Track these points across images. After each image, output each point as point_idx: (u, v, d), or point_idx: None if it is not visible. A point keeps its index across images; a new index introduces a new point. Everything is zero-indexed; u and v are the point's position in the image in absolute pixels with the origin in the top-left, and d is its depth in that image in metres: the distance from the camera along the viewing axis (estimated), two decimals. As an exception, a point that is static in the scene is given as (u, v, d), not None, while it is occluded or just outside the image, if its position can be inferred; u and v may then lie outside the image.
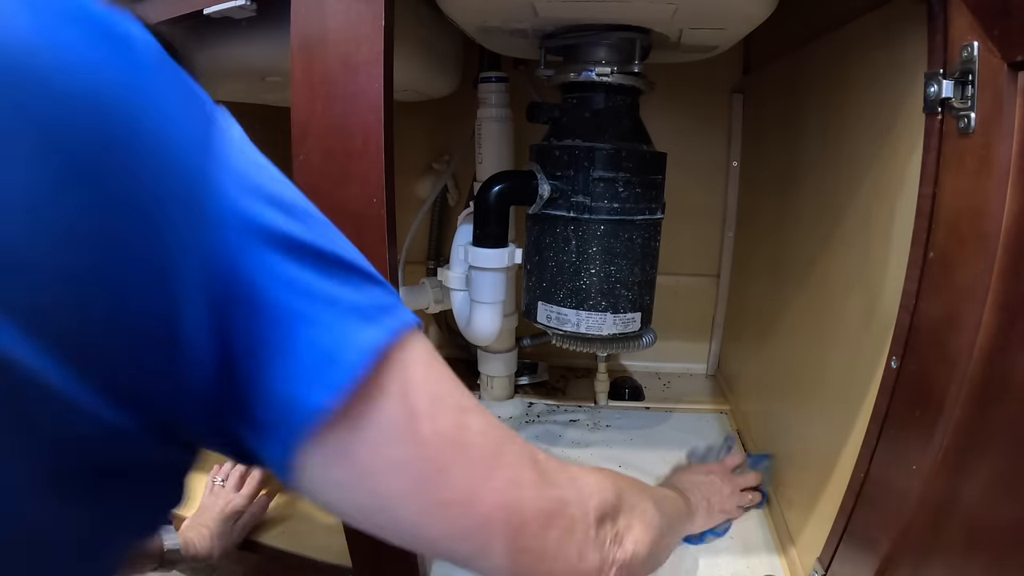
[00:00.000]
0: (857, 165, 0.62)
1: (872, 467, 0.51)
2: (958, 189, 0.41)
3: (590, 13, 0.64)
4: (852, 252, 0.62)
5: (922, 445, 0.43)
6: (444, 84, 0.94)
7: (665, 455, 0.94)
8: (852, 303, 0.61)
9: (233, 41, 0.64)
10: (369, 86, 0.49)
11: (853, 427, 0.56)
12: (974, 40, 0.38)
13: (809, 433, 0.72)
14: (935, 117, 0.43)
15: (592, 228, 0.71)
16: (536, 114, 0.77)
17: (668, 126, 1.09)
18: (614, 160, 0.70)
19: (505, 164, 1.01)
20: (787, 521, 0.74)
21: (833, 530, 0.57)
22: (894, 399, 0.48)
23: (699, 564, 0.71)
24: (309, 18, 0.50)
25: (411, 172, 1.20)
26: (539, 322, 0.78)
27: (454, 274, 0.89)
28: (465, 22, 0.70)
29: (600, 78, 0.70)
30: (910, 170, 0.48)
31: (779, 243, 0.88)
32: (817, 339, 0.71)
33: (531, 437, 1.00)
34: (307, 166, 0.52)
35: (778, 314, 0.86)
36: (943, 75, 0.41)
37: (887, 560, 0.47)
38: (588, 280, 0.73)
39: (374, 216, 0.52)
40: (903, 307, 0.47)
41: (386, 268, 0.53)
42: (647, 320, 0.78)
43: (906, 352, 0.47)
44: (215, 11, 0.54)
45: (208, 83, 0.81)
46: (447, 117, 1.18)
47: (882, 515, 0.49)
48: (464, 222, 0.89)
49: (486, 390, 1.13)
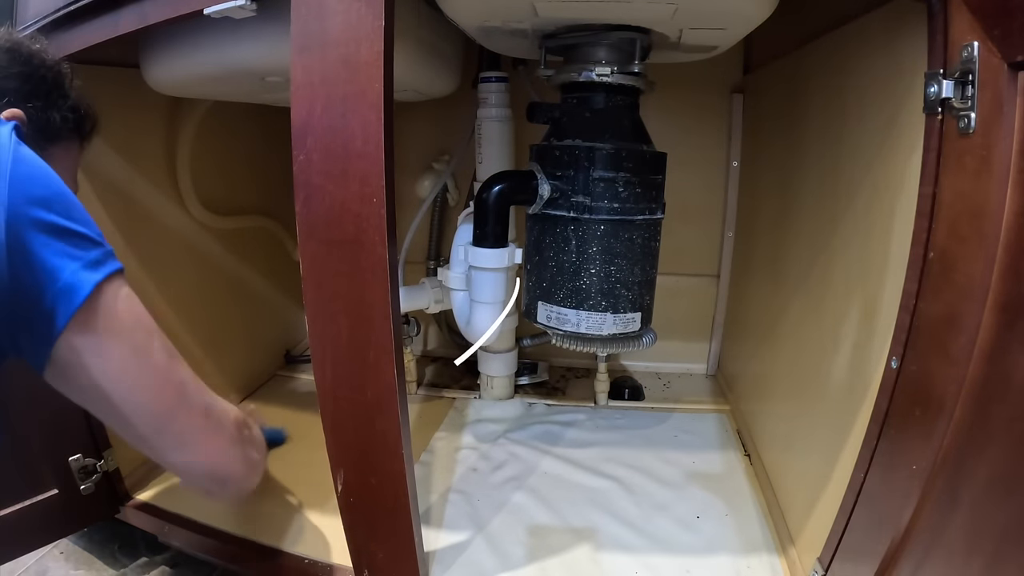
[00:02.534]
0: (857, 165, 0.62)
1: (872, 467, 0.51)
2: (958, 189, 0.41)
3: (590, 13, 0.64)
4: (852, 252, 0.62)
5: (922, 445, 0.43)
6: (444, 84, 0.94)
7: (665, 455, 0.94)
8: (852, 303, 0.61)
9: (233, 41, 0.64)
10: (369, 86, 0.49)
11: (853, 427, 0.56)
12: (974, 40, 0.38)
13: (809, 433, 0.72)
14: (935, 117, 0.43)
15: (592, 228, 0.71)
16: (536, 114, 0.77)
17: (668, 126, 1.09)
18: (614, 160, 0.70)
19: (505, 164, 1.01)
20: (787, 521, 0.74)
21: (833, 530, 0.57)
22: (894, 399, 0.48)
23: (700, 564, 0.71)
24: (309, 18, 0.50)
25: (411, 172, 1.20)
26: (539, 322, 0.78)
27: (454, 274, 0.89)
28: (465, 22, 0.70)
29: (600, 78, 0.70)
30: (910, 170, 0.48)
31: (779, 243, 0.88)
32: (817, 339, 0.71)
33: (531, 437, 1.00)
34: (307, 166, 0.52)
35: (778, 314, 0.86)
36: (943, 75, 0.41)
37: (887, 560, 0.47)
38: (588, 280, 0.73)
39: (374, 216, 0.52)
40: (903, 307, 0.47)
41: (385, 268, 0.53)
42: (647, 320, 0.78)
43: (906, 352, 0.47)
44: (215, 11, 0.54)
45: (208, 83, 0.81)
46: (447, 117, 1.18)
47: (882, 515, 0.49)
48: (464, 222, 0.89)
49: (486, 390, 1.13)
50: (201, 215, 0.99)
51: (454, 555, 0.73)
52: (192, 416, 0.51)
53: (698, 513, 0.80)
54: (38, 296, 0.42)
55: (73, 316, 0.43)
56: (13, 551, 0.76)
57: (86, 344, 0.45)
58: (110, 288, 0.46)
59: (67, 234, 0.44)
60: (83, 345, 0.45)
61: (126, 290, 0.48)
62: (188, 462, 0.52)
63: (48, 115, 0.54)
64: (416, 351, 1.30)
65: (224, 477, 0.54)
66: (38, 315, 0.43)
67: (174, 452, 0.51)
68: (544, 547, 0.74)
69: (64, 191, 0.45)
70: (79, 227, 0.45)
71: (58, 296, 0.43)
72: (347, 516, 0.64)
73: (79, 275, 0.44)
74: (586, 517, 0.80)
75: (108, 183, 0.82)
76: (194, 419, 0.51)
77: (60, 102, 0.55)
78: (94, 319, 0.45)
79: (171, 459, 0.52)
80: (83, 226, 0.45)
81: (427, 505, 0.82)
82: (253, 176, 1.17)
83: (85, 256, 0.44)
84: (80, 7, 0.63)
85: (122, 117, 0.83)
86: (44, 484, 0.76)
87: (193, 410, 0.51)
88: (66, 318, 0.43)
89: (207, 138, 0.99)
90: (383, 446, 0.59)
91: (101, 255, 0.46)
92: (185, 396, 0.51)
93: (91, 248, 0.45)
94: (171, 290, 0.94)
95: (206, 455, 0.52)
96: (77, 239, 0.44)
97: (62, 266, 0.43)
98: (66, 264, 0.43)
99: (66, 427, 0.77)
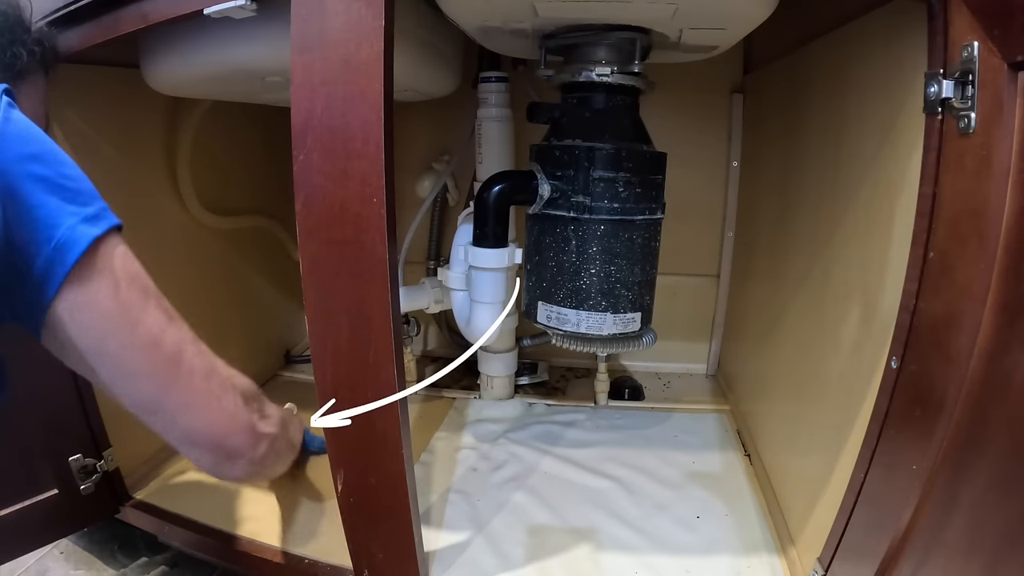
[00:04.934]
0: (857, 165, 0.62)
1: (872, 467, 0.51)
2: (958, 189, 0.41)
3: (590, 13, 0.64)
4: (852, 252, 0.62)
5: (922, 445, 0.43)
6: (444, 84, 0.94)
7: (665, 455, 0.94)
8: (852, 303, 0.61)
9: (233, 41, 0.64)
10: (369, 86, 0.49)
11: (853, 427, 0.56)
12: (974, 40, 0.38)
13: (809, 432, 0.72)
14: (935, 117, 0.43)
15: (592, 228, 0.71)
16: (536, 114, 0.77)
17: (668, 126, 1.09)
18: (614, 160, 0.70)
19: (505, 164, 1.01)
20: (787, 521, 0.74)
21: (833, 530, 0.57)
22: (894, 399, 0.48)
23: (700, 564, 0.71)
24: (309, 18, 0.50)
25: (411, 172, 1.19)
26: (539, 322, 0.78)
27: (454, 274, 0.89)
28: (465, 22, 0.70)
29: (600, 78, 0.70)
30: (910, 170, 0.48)
31: (779, 243, 0.88)
32: (817, 339, 0.71)
33: (531, 437, 1.00)
34: (307, 166, 0.52)
35: (778, 314, 0.86)
36: (943, 75, 0.41)
37: (887, 560, 0.47)
38: (588, 280, 0.73)
39: (374, 216, 0.52)
40: (903, 307, 0.47)
41: (385, 267, 0.53)
42: (647, 320, 0.78)
43: (906, 352, 0.47)
44: (215, 11, 0.54)
45: (208, 83, 0.81)
46: (447, 117, 1.18)
47: (882, 515, 0.49)
48: (464, 222, 0.89)
49: (486, 390, 1.13)
50: (201, 215, 0.99)
51: (454, 555, 0.73)
52: (192, 379, 0.49)
53: (698, 513, 0.80)
54: (35, 253, 0.41)
55: (70, 271, 0.42)
56: (13, 551, 0.76)
57: (81, 300, 0.43)
58: (107, 244, 0.45)
59: (63, 189, 0.43)
60: (78, 301, 0.43)
61: (123, 248, 0.47)
62: (191, 429, 0.49)
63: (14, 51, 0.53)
64: (416, 351, 1.30)
65: (230, 448, 0.51)
66: (35, 272, 0.42)
67: (174, 419, 0.49)
68: (544, 547, 0.74)
69: (57, 150, 0.45)
70: (75, 183, 0.44)
71: (55, 252, 0.42)
72: (347, 516, 0.64)
73: (77, 230, 0.43)
74: (586, 517, 0.80)
75: (108, 183, 0.81)
76: (194, 382, 0.49)
77: (24, 36, 0.54)
78: (90, 274, 0.43)
79: (172, 429, 0.49)
80: (79, 182, 0.45)
81: (427, 505, 0.82)
82: (253, 176, 1.17)
83: (82, 211, 0.44)
84: (80, 7, 0.63)
85: (122, 117, 0.83)
86: (44, 484, 0.76)
87: (194, 373, 0.49)
88: (63, 273, 0.42)
89: (207, 138, 0.99)
90: (383, 446, 0.59)
91: (99, 210, 0.45)
92: (182, 358, 0.48)
93: (88, 203, 0.44)
94: (171, 290, 0.93)
95: (208, 421, 0.49)
96: (73, 193, 0.44)
97: (59, 221, 0.42)
98: (63, 219, 0.42)
99: (66, 427, 0.77)
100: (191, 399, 0.49)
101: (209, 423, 0.50)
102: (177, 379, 0.48)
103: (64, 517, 0.78)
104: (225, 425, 0.50)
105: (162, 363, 0.47)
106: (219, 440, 0.50)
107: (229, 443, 0.51)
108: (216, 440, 0.50)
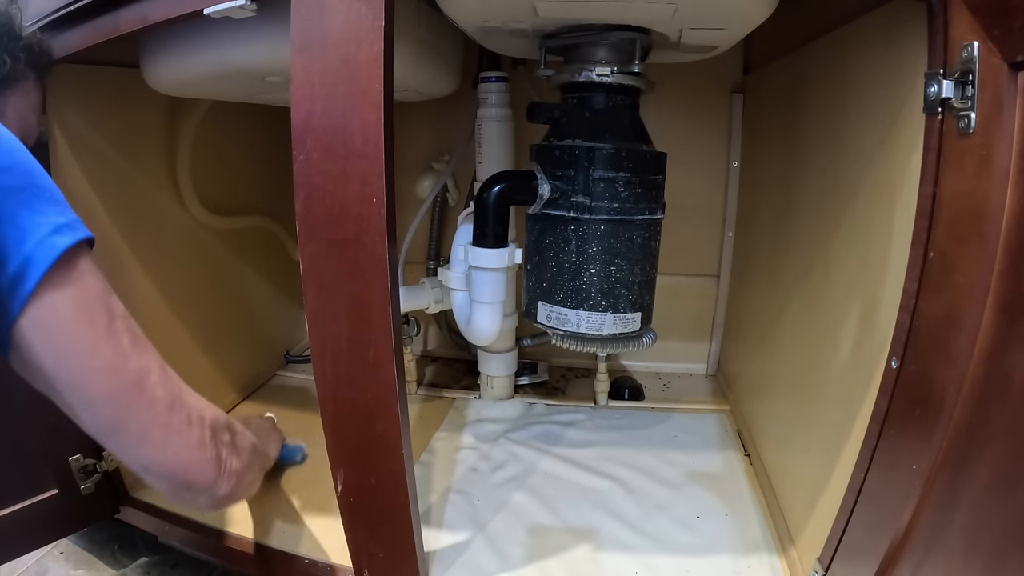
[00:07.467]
0: (857, 165, 0.62)
1: (872, 467, 0.51)
2: (958, 189, 0.41)
3: (590, 13, 0.64)
4: (852, 252, 0.62)
5: (922, 445, 0.43)
6: (444, 84, 0.94)
7: (665, 455, 0.94)
8: (852, 303, 0.61)
9: (233, 41, 0.64)
10: (369, 86, 0.49)
11: (853, 427, 0.56)
12: (974, 40, 0.38)
13: (809, 432, 0.72)
14: (935, 117, 0.43)
15: (592, 228, 0.71)
16: (536, 114, 0.77)
17: (668, 126, 1.09)
18: (614, 160, 0.70)
19: (505, 164, 1.01)
20: (787, 521, 0.74)
21: (833, 530, 0.57)
22: (894, 399, 0.48)
23: (700, 564, 0.71)
24: (309, 18, 0.50)
25: (411, 172, 1.19)
26: (539, 322, 0.78)
27: (454, 274, 0.89)
28: (465, 22, 0.70)
29: (600, 78, 0.70)
30: (910, 170, 0.48)
31: (779, 243, 0.88)
32: (817, 339, 0.71)
33: (531, 437, 1.00)
34: (307, 166, 0.52)
35: (778, 314, 0.86)
36: (943, 75, 0.41)
37: (887, 560, 0.47)
38: (588, 280, 0.73)
39: (374, 216, 0.51)
40: (903, 307, 0.47)
41: (385, 267, 0.53)
42: (647, 320, 0.78)
43: (906, 352, 0.47)
44: (215, 11, 0.54)
45: (208, 83, 0.81)
46: (447, 117, 1.18)
47: (882, 515, 0.49)
48: (464, 222, 0.89)
49: (486, 390, 1.13)
50: (201, 215, 0.99)
51: (454, 555, 0.73)
52: (154, 409, 0.46)
53: (698, 513, 0.80)
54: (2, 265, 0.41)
55: (36, 287, 0.41)
56: (13, 551, 0.76)
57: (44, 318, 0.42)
58: (76, 259, 0.44)
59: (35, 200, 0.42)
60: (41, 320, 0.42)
61: (91, 265, 0.46)
62: (149, 460, 0.47)
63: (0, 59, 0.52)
64: (416, 351, 1.30)
65: (190, 482, 0.49)
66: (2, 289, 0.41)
67: (134, 448, 0.47)
68: (544, 547, 0.74)
69: (30, 160, 0.44)
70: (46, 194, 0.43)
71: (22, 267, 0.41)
72: (347, 516, 0.64)
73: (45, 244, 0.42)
74: (586, 517, 0.80)
75: (108, 183, 0.82)
76: (156, 412, 0.47)
77: (12, 44, 0.54)
78: (55, 291, 0.42)
79: (132, 457, 0.47)
80: (49, 193, 0.44)
81: (427, 505, 0.82)
82: (253, 176, 1.17)
83: (52, 223, 0.43)
84: (80, 7, 0.63)
85: (122, 117, 0.84)
86: (44, 484, 0.76)
87: (156, 402, 0.47)
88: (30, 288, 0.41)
89: (207, 138, 0.99)
90: (383, 446, 0.59)
91: (70, 221, 0.44)
92: (144, 386, 0.46)
93: (58, 214, 0.43)
94: (171, 290, 0.94)
95: (167, 454, 0.47)
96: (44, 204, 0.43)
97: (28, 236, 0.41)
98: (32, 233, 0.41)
99: (66, 427, 0.76)
100: (151, 429, 0.47)
101: (168, 455, 0.48)
102: (136, 407, 0.46)
103: (64, 517, 0.78)
104: (185, 459, 0.48)
105: (122, 390, 0.45)
106: (178, 474, 0.49)
107: (189, 477, 0.49)
108: (175, 473, 0.48)
